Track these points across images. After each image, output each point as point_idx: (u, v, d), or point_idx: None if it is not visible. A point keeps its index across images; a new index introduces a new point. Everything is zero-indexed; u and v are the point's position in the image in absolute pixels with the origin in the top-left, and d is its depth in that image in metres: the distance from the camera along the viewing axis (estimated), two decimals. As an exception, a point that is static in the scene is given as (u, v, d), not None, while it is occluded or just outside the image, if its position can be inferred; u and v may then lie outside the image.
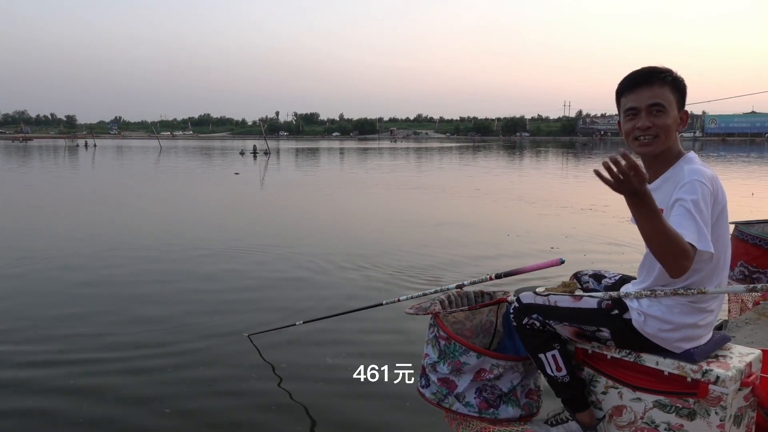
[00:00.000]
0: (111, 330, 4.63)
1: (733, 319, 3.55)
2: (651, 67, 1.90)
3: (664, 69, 1.89)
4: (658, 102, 1.86)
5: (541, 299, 2.06)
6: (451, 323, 2.37)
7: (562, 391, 2.09)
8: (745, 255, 3.81)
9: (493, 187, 17.58)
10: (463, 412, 2.19)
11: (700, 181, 1.73)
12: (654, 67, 1.89)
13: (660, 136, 1.86)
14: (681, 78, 1.90)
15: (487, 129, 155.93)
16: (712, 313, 1.93)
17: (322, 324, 4.51)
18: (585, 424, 2.08)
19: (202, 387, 3.63)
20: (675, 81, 1.88)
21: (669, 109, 1.86)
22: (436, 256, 7.38)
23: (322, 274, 6.44)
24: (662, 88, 1.86)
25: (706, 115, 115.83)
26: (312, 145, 77.73)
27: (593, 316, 1.97)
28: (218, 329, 4.66)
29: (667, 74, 1.87)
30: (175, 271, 6.67)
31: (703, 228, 1.65)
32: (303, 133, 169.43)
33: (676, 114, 1.88)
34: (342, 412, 3.33)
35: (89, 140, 76.91)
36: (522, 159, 38.88)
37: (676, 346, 1.89)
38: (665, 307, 1.87)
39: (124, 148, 59.77)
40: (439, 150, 56.73)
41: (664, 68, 1.89)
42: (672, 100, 1.87)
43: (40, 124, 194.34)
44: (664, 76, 1.87)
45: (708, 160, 35.79)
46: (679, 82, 1.90)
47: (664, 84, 1.87)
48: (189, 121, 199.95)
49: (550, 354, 2.07)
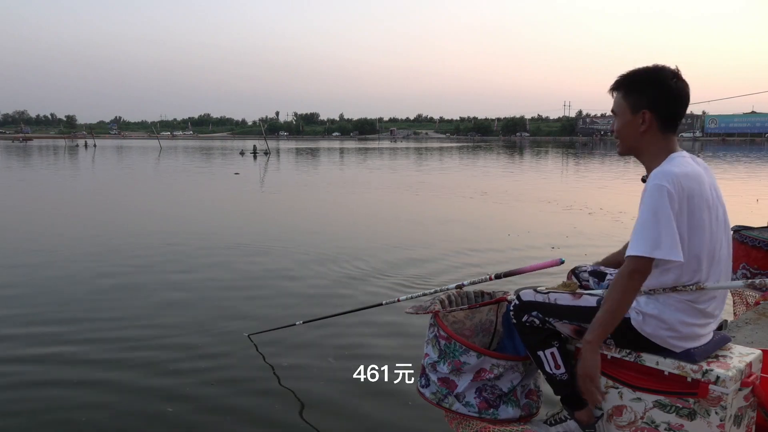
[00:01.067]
0: (107, 327, 4.65)
1: (733, 319, 3.55)
2: (618, 76, 1.99)
3: (619, 76, 1.97)
4: (613, 109, 2.02)
5: (541, 297, 2.06)
6: (450, 322, 2.36)
7: (561, 389, 2.09)
8: (746, 257, 3.81)
9: (494, 187, 17.57)
10: (462, 412, 2.19)
11: (658, 185, 1.77)
12: (619, 76, 1.98)
13: (620, 138, 2.00)
14: (635, 80, 1.93)
15: (487, 129, 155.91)
16: (712, 312, 1.92)
17: (322, 324, 4.51)
18: (583, 423, 2.08)
19: (200, 386, 3.64)
20: (626, 86, 1.95)
21: (621, 114, 1.97)
22: (436, 255, 7.38)
23: (322, 273, 6.44)
24: (617, 94, 1.99)
25: (706, 115, 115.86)
26: (312, 145, 77.76)
27: (593, 315, 1.96)
28: (218, 328, 4.66)
29: (618, 81, 1.97)
30: (175, 269, 6.67)
31: (659, 237, 1.73)
32: (303, 133, 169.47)
33: (630, 118, 1.94)
34: (342, 413, 3.33)
35: (89, 140, 76.92)
36: (522, 159, 38.88)
37: (676, 345, 1.88)
38: (663, 306, 1.87)
39: (124, 149, 59.79)
40: (440, 150, 56.74)
41: (620, 75, 1.97)
42: (624, 105, 1.96)
43: (40, 124, 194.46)
44: (616, 83, 1.98)
45: (708, 160, 35.85)
46: (630, 85, 1.94)
47: (617, 91, 1.99)
48: (189, 121, 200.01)
49: (548, 352, 2.07)
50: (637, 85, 1.92)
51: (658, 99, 1.89)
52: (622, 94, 1.96)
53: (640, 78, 1.92)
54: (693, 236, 1.81)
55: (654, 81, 1.90)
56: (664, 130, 1.92)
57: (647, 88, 1.91)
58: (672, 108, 1.90)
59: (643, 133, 1.93)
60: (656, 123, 1.91)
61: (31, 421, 3.21)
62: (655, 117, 1.90)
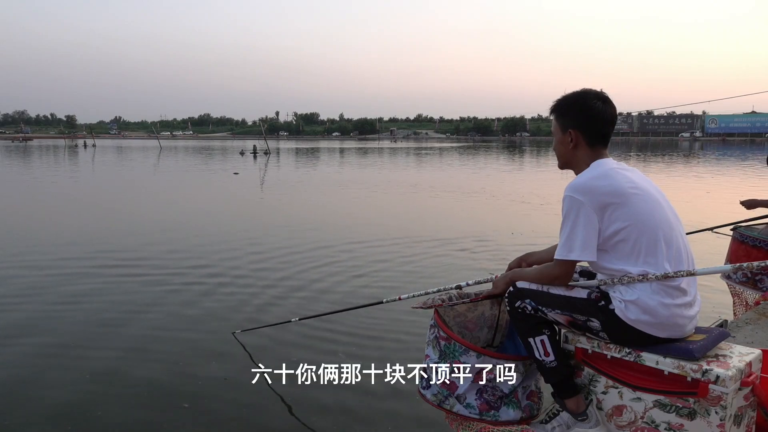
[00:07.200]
0: (96, 322, 4.65)
1: (733, 319, 3.56)
2: (553, 101, 2.22)
3: (553, 102, 2.20)
4: (551, 129, 2.27)
5: (535, 285, 2.13)
6: (452, 317, 2.38)
7: (550, 376, 2.14)
8: (746, 257, 3.82)
9: (496, 186, 17.59)
10: (463, 413, 2.19)
11: (567, 196, 2.02)
12: (553, 101, 2.21)
13: (556, 155, 2.25)
14: (563, 104, 2.17)
15: (487, 129, 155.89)
16: (687, 289, 1.99)
17: (320, 322, 4.50)
18: (573, 411, 2.11)
19: (194, 385, 3.65)
20: (557, 110, 2.19)
21: (555, 134, 2.22)
22: (437, 255, 7.39)
23: (321, 273, 6.45)
24: (552, 117, 2.22)
25: (707, 115, 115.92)
26: (312, 145, 77.74)
27: (584, 306, 2.03)
28: (212, 326, 4.68)
29: (552, 106, 2.21)
30: (176, 269, 6.68)
31: (568, 240, 1.98)
32: (303, 133, 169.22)
33: (561, 136, 2.18)
34: (342, 413, 3.34)
35: (88, 140, 76.91)
36: (523, 159, 38.89)
37: (658, 331, 1.94)
38: (639, 291, 1.95)
39: (124, 148, 59.77)
40: (440, 150, 56.73)
41: (554, 101, 2.20)
42: (556, 126, 2.20)
43: (40, 124, 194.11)
44: (551, 108, 2.22)
45: (707, 161, 35.82)
46: (559, 109, 2.18)
47: (552, 114, 2.22)
48: (189, 121, 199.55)
49: (539, 339, 2.12)
50: (564, 108, 2.17)
51: (582, 119, 2.12)
52: (554, 116, 2.20)
53: (567, 102, 2.17)
54: (636, 222, 1.96)
55: (578, 104, 2.14)
56: (593, 145, 2.13)
57: (572, 110, 2.15)
58: (595, 126, 2.12)
59: (573, 150, 2.16)
60: (584, 140, 2.13)
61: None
62: (582, 134, 2.13)
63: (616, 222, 1.96)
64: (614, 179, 2.00)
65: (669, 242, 2.00)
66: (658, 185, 2.12)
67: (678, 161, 34.81)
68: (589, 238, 1.97)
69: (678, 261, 2.00)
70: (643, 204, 1.99)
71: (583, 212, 1.96)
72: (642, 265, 1.96)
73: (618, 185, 1.99)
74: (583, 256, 1.99)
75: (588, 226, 1.96)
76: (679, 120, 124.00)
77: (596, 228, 1.97)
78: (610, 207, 1.96)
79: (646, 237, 1.96)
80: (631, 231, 1.96)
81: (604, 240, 1.99)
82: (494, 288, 2.29)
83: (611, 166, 2.06)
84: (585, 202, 1.96)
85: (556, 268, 2.05)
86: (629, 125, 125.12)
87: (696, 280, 2.07)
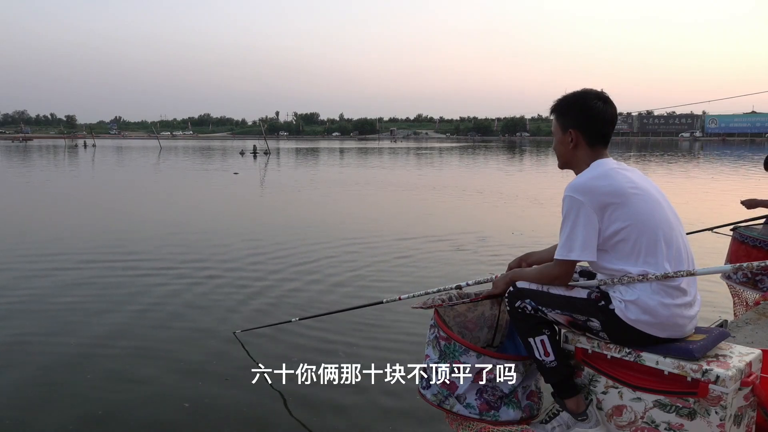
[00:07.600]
0: (98, 322, 4.65)
1: (733, 319, 3.56)
2: (553, 101, 2.23)
3: (553, 102, 2.20)
4: (552, 129, 2.27)
5: (535, 285, 2.13)
6: (452, 317, 2.38)
7: (550, 376, 2.14)
8: (746, 257, 3.82)
9: (496, 186, 17.58)
10: (463, 413, 2.19)
11: (567, 196, 2.02)
12: (553, 101, 2.22)
13: (556, 155, 2.25)
14: (563, 104, 2.17)
15: (487, 129, 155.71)
16: (686, 289, 1.99)
17: (320, 322, 4.50)
18: (573, 411, 2.11)
19: (194, 385, 3.65)
20: (557, 109, 2.19)
21: (555, 134, 2.22)
22: (437, 255, 7.39)
23: (322, 273, 6.45)
24: (553, 117, 2.22)
25: (707, 115, 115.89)
26: (312, 145, 77.74)
27: (584, 306, 2.03)
28: (212, 326, 4.68)
29: (552, 106, 2.21)
30: (176, 269, 6.68)
31: (568, 240, 1.98)
32: (303, 133, 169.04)
33: (561, 136, 2.18)
34: (341, 413, 3.34)
35: (88, 140, 76.87)
36: (523, 159, 38.87)
37: (658, 330, 1.94)
38: (639, 291, 1.95)
39: (124, 148, 59.75)
40: (440, 150, 56.72)
41: (554, 101, 2.20)
42: (556, 126, 2.21)
43: (40, 124, 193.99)
44: (551, 108, 2.22)
45: (707, 161, 35.82)
46: (559, 108, 2.18)
47: (552, 114, 2.22)
48: (189, 121, 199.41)
49: (539, 339, 2.12)
50: (565, 108, 2.17)
51: (582, 119, 2.12)
52: (555, 116, 2.21)
53: (567, 102, 2.17)
54: (636, 222, 1.95)
55: (578, 104, 2.14)
56: (593, 145, 2.13)
57: (572, 110, 2.15)
58: (595, 126, 2.12)
59: (573, 150, 2.16)
60: (584, 140, 2.13)
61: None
62: (582, 134, 2.12)
63: (616, 222, 1.96)
64: (614, 179, 2.01)
65: (669, 242, 1.99)
66: (658, 185, 2.12)
67: (678, 161, 34.81)
68: (589, 238, 1.97)
69: (678, 261, 2.00)
70: (643, 204, 1.99)
71: (583, 212, 1.96)
72: (642, 265, 1.96)
73: (618, 185, 1.99)
74: (583, 256, 1.99)
75: (588, 226, 1.96)
76: (679, 120, 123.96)
77: (596, 228, 1.97)
78: (610, 207, 1.96)
79: (646, 237, 1.96)
80: (631, 231, 1.96)
81: (604, 240, 1.99)
82: (494, 288, 2.29)
83: (611, 166, 2.06)
84: (585, 202, 1.96)
85: (556, 268, 2.05)
86: (629, 125, 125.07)
87: (696, 280, 2.07)
